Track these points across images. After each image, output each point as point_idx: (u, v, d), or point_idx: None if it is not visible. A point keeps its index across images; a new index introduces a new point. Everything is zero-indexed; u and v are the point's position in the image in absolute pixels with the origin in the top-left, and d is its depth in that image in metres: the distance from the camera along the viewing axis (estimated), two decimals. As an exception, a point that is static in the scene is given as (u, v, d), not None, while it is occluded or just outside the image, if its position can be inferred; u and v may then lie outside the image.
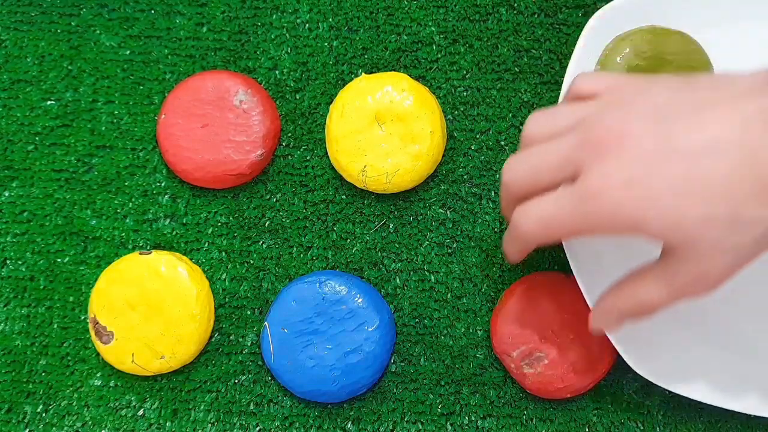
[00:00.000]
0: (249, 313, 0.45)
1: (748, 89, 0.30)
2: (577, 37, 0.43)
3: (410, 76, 0.46)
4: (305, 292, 0.43)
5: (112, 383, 0.44)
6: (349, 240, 0.46)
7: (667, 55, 0.43)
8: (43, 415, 0.44)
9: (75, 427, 0.44)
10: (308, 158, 0.46)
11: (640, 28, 0.44)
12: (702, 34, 0.44)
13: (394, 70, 0.47)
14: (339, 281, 0.43)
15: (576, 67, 0.43)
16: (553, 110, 0.35)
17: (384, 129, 0.44)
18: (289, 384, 0.43)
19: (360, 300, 0.43)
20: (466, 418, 0.44)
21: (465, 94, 0.47)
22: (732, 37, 0.45)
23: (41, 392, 0.44)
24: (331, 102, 0.46)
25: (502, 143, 0.46)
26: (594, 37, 0.44)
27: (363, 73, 0.47)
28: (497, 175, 0.46)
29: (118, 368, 0.43)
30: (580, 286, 0.40)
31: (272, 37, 0.48)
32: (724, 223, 0.30)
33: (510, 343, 0.42)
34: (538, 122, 0.35)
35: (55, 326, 0.45)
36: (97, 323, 0.43)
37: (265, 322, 0.43)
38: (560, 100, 0.43)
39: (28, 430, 0.44)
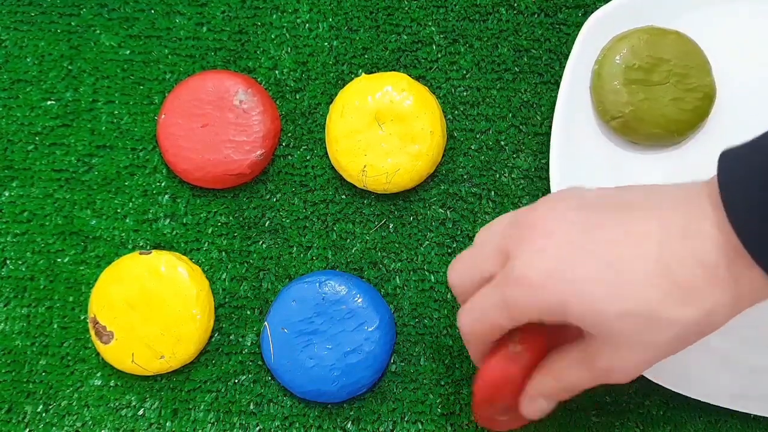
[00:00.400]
0: (249, 313, 0.45)
1: (673, 199, 0.32)
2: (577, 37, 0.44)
3: (410, 76, 0.46)
4: (305, 292, 0.43)
5: (112, 383, 0.44)
6: (349, 240, 0.46)
7: (665, 54, 0.43)
8: (43, 415, 0.44)
9: (75, 427, 0.44)
10: (308, 158, 0.46)
11: (637, 28, 0.44)
12: (699, 34, 0.44)
13: (394, 70, 0.47)
14: (339, 281, 0.43)
15: (575, 67, 0.43)
16: (491, 224, 0.36)
17: (384, 129, 0.44)
18: (289, 384, 0.43)
19: (360, 300, 0.43)
20: (466, 418, 0.44)
21: (465, 94, 0.47)
22: (730, 37, 0.45)
23: (41, 392, 0.44)
24: (331, 102, 0.46)
25: (502, 143, 0.46)
26: (592, 38, 0.44)
27: (363, 73, 0.47)
28: (497, 175, 0.46)
29: (118, 368, 0.43)
30: None
31: (272, 37, 0.48)
32: (641, 320, 0.30)
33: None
34: (480, 233, 0.36)
35: (55, 326, 0.45)
36: (97, 323, 0.43)
37: (265, 322, 0.43)
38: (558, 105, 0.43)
39: (28, 429, 0.44)
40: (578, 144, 0.44)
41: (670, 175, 0.44)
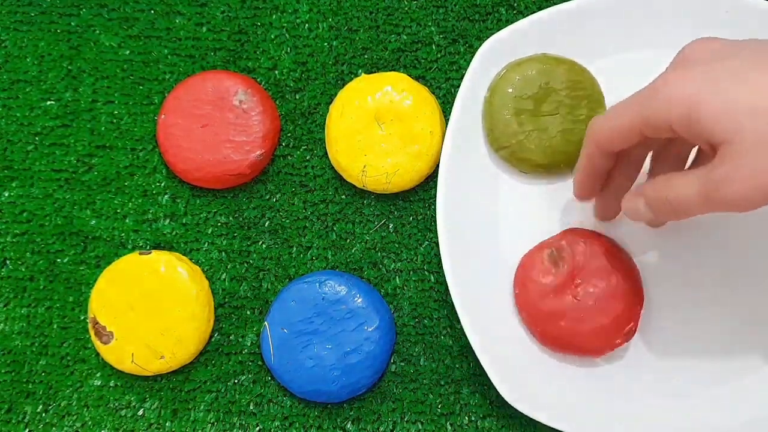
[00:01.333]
0: (249, 313, 0.45)
1: None
2: (577, 37, 0.44)
3: (410, 76, 0.46)
4: (305, 292, 0.43)
5: (111, 383, 0.44)
6: (348, 240, 0.46)
7: (557, 84, 0.43)
8: (43, 415, 0.44)
9: (75, 427, 0.44)
10: (308, 158, 0.46)
11: (531, 56, 0.44)
12: (594, 64, 0.44)
13: (394, 70, 0.47)
14: (339, 281, 0.43)
15: (466, 93, 0.43)
16: None
17: (384, 129, 0.44)
18: (288, 384, 0.43)
19: (360, 300, 0.43)
20: (466, 418, 0.44)
21: (465, 94, 0.47)
22: (624, 66, 0.44)
23: (41, 392, 0.44)
24: (330, 102, 0.46)
25: (502, 143, 0.46)
26: (487, 63, 0.44)
27: (363, 73, 0.47)
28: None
29: (117, 368, 0.43)
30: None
31: (272, 37, 0.48)
32: None
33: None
34: None
35: (55, 326, 0.45)
36: (97, 323, 0.43)
37: (265, 322, 0.43)
38: None
39: (27, 430, 0.44)
40: (468, 169, 0.43)
41: (559, 205, 0.44)
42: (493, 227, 0.44)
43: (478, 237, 0.43)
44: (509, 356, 0.42)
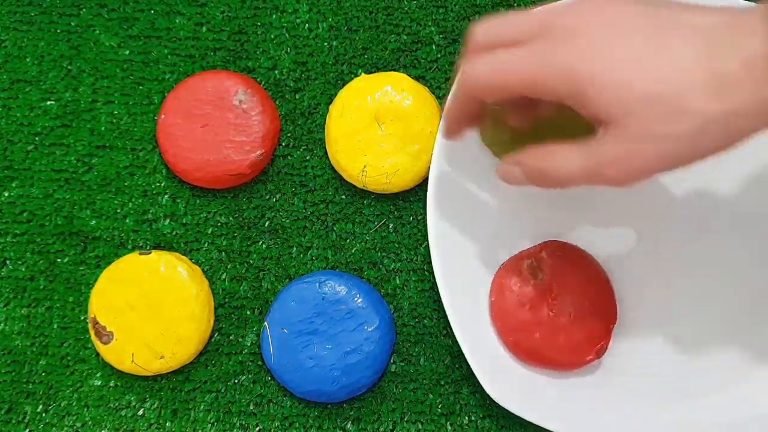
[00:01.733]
0: (249, 313, 0.45)
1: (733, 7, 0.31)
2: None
3: (410, 76, 0.46)
4: (305, 292, 0.43)
5: (111, 383, 0.44)
6: (348, 240, 0.46)
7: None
8: (43, 415, 0.44)
9: (75, 427, 0.44)
10: (308, 158, 0.46)
11: None
12: None
13: (394, 70, 0.47)
14: (339, 281, 0.43)
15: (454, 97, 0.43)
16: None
17: (384, 129, 0.44)
18: (288, 384, 0.43)
19: (360, 300, 0.43)
20: (466, 418, 0.44)
21: (465, 94, 0.47)
22: None
23: (41, 392, 0.44)
24: (330, 102, 0.46)
25: (502, 143, 0.46)
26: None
27: (363, 73, 0.47)
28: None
29: (117, 368, 0.43)
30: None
31: (272, 37, 0.48)
32: (666, 107, 0.29)
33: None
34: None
35: (55, 326, 0.45)
36: (97, 323, 0.43)
37: (265, 322, 0.43)
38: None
39: (28, 430, 0.44)
40: (460, 167, 0.43)
41: (548, 201, 0.44)
42: (484, 228, 0.44)
43: (469, 237, 0.43)
44: (498, 356, 0.42)
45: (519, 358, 0.42)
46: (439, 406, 0.44)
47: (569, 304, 0.42)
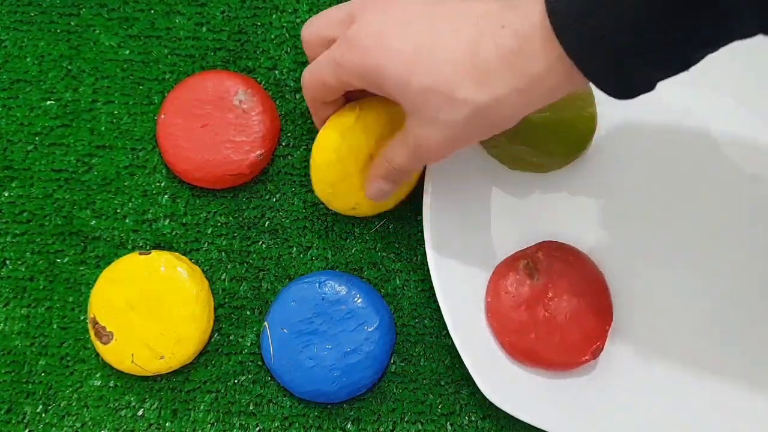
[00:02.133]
0: (249, 313, 0.45)
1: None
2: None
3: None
4: (305, 293, 0.43)
5: (111, 383, 0.44)
6: (349, 240, 0.45)
7: None
8: (43, 415, 0.44)
9: (75, 428, 0.44)
10: (308, 158, 0.46)
11: None
12: None
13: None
14: (338, 281, 0.43)
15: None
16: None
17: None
18: (288, 384, 0.43)
19: (360, 300, 0.43)
20: (466, 418, 0.43)
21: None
22: None
23: (41, 392, 0.44)
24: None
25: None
26: None
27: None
28: (497, 175, 0.46)
29: (117, 368, 0.43)
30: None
31: (272, 36, 0.47)
32: (440, 97, 0.33)
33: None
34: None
35: (55, 326, 0.45)
36: (97, 323, 0.43)
37: (265, 323, 0.43)
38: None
39: (27, 430, 0.44)
40: (456, 164, 0.43)
41: (544, 199, 0.44)
42: (481, 229, 0.44)
43: (466, 238, 0.43)
44: (495, 357, 0.42)
45: (515, 359, 0.42)
46: (439, 407, 0.44)
47: (565, 305, 0.42)
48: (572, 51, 0.30)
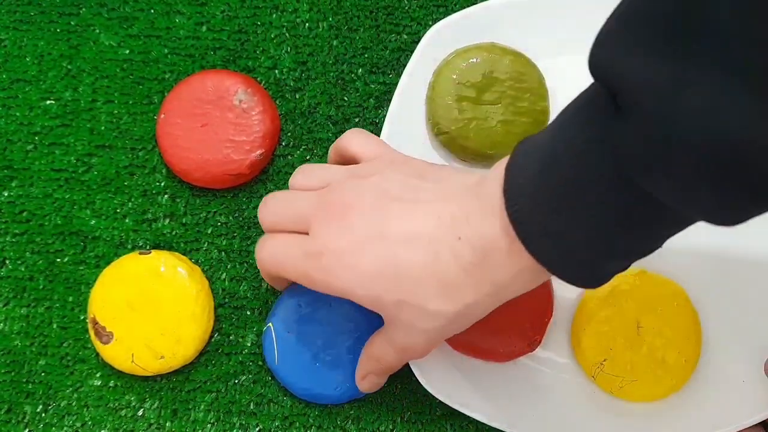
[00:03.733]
0: (249, 313, 0.45)
1: (458, 188, 0.34)
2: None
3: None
4: (309, 294, 0.43)
5: (111, 383, 0.44)
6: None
7: (501, 74, 0.43)
8: (43, 415, 0.44)
9: (74, 428, 0.44)
10: (308, 158, 0.46)
11: (478, 44, 0.44)
12: (543, 60, 0.44)
13: (395, 70, 0.47)
14: None
15: (411, 75, 0.43)
16: (318, 166, 0.40)
17: None
18: (291, 386, 0.43)
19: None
20: (466, 418, 0.43)
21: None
22: (573, 68, 0.44)
23: (41, 392, 0.44)
24: (330, 102, 0.46)
25: (503, 143, 0.46)
26: (433, 48, 0.44)
27: (362, 72, 0.46)
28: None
29: (117, 369, 0.43)
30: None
31: (272, 36, 0.47)
32: (414, 310, 0.34)
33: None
34: (303, 172, 0.40)
35: (55, 326, 0.45)
36: (97, 323, 0.43)
37: (269, 323, 0.43)
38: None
39: (27, 430, 0.44)
40: (406, 151, 0.43)
41: None
42: None
43: None
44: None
45: (454, 348, 0.42)
46: (439, 407, 0.44)
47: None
48: (546, 262, 0.32)
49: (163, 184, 0.46)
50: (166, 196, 0.46)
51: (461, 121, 0.43)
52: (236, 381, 0.44)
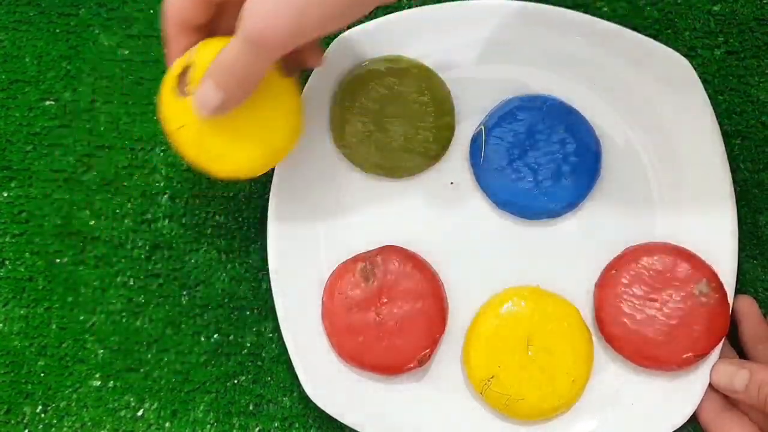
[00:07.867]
0: (248, 313, 0.45)
1: None
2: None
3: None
4: (529, 111, 0.43)
5: (111, 384, 0.44)
6: (348, 240, 0.45)
7: (406, 87, 0.43)
8: (42, 415, 0.44)
9: (74, 428, 0.44)
10: (307, 158, 0.46)
11: (384, 56, 0.43)
12: (450, 73, 0.44)
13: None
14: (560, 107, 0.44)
15: (315, 87, 0.43)
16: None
17: None
18: (486, 189, 0.43)
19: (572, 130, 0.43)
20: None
21: (464, 93, 0.47)
22: (480, 79, 0.44)
23: (40, 393, 0.44)
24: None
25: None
26: (338, 59, 0.43)
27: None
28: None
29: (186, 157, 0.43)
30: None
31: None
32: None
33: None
34: None
35: (54, 327, 0.45)
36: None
37: (482, 126, 0.43)
38: None
39: (27, 430, 0.44)
40: (308, 163, 0.43)
41: (394, 205, 0.44)
42: (324, 228, 0.44)
43: (309, 239, 0.43)
44: (327, 359, 0.42)
45: (345, 361, 0.42)
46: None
47: (397, 311, 0.42)
48: None
49: (162, 184, 0.46)
50: (165, 196, 0.46)
51: (363, 134, 0.43)
52: (236, 381, 0.44)
